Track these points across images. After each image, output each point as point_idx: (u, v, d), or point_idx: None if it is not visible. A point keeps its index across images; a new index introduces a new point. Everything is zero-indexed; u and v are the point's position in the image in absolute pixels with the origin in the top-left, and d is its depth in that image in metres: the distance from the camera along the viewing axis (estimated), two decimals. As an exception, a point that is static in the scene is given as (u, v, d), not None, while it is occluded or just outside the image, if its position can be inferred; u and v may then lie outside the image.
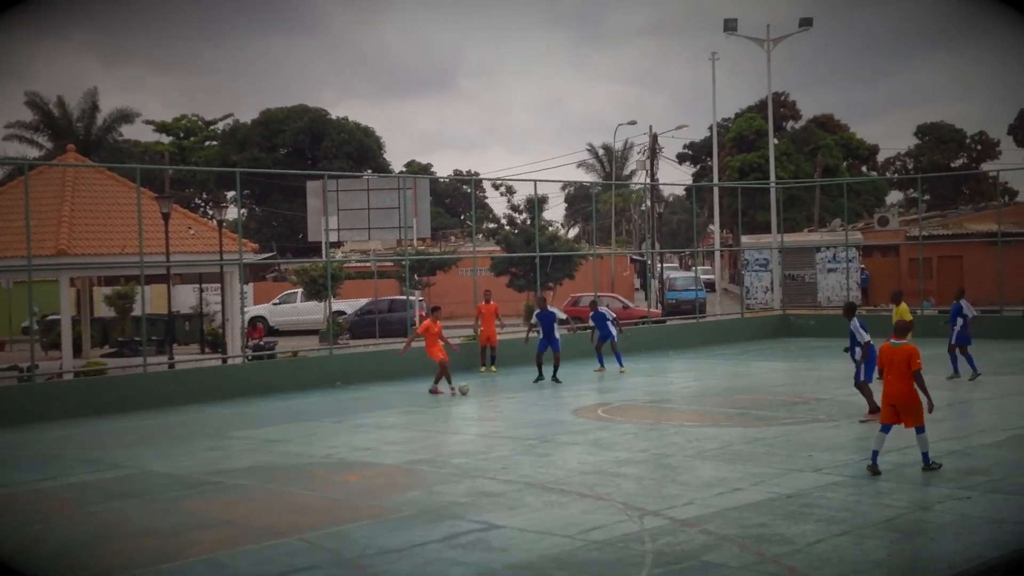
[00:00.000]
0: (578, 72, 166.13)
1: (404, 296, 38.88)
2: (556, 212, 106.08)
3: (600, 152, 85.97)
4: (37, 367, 21.54)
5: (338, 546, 9.74)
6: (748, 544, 9.36)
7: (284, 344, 35.20)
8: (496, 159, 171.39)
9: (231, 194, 67.52)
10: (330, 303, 27.83)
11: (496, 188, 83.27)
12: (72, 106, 58.53)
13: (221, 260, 29.60)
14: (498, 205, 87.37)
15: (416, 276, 42.26)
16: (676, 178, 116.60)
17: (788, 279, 40.35)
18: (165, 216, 27.66)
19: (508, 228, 49.24)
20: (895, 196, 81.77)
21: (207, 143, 75.52)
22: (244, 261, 26.14)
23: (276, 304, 46.09)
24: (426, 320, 21.80)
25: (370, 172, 62.93)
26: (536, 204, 37.09)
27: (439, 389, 20.93)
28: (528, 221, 46.24)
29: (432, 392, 20.92)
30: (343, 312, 42.33)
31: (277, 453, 14.97)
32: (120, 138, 61.39)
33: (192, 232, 31.48)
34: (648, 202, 62.04)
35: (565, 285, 44.98)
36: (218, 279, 33.70)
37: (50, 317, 36.94)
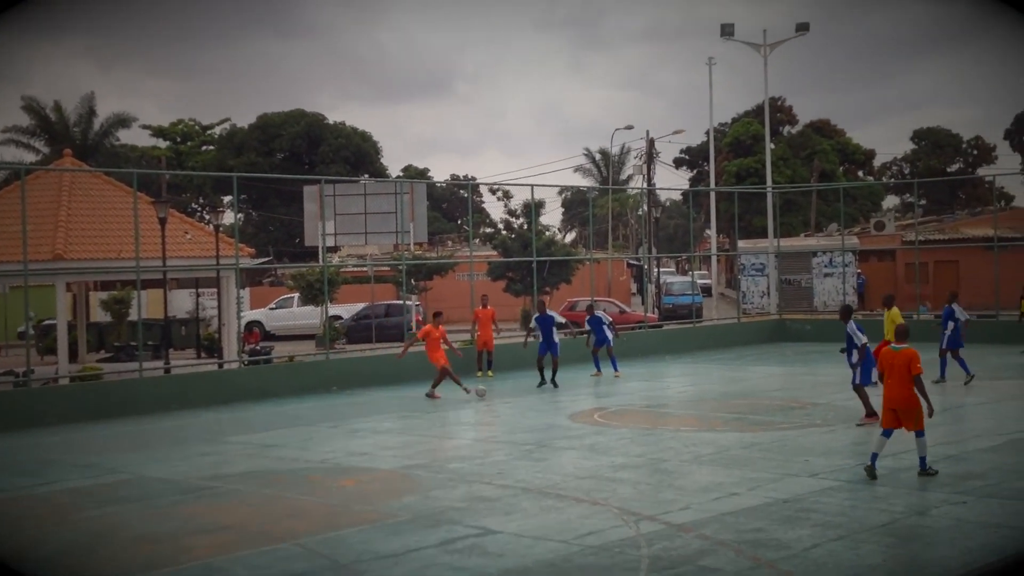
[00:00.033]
0: (575, 77, 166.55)
1: (401, 301, 38.86)
2: (553, 217, 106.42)
3: (597, 157, 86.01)
4: (33, 372, 21.51)
5: (334, 551, 9.74)
6: (744, 549, 9.37)
7: (280, 349, 35.16)
8: (493, 163, 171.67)
9: (228, 199, 67.49)
10: (327, 308, 27.81)
11: (493, 193, 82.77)
12: (69, 111, 58.69)
13: (218, 265, 29.60)
14: (495, 210, 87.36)
15: (413, 281, 42.27)
16: (673, 183, 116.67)
17: (784, 283, 40.39)
18: (162, 221, 27.66)
19: (505, 233, 49.23)
20: (891, 201, 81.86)
21: (204, 148, 75.55)
22: (241, 266, 26.13)
23: (272, 309, 46.08)
24: (426, 325, 21.78)
25: (367, 177, 62.89)
26: (533, 209, 37.15)
27: (436, 394, 20.91)
28: (525, 226, 46.26)
29: (429, 396, 20.91)
30: (340, 317, 42.31)
31: (273, 458, 14.96)
32: (117, 143, 61.48)
33: (189, 237, 31.46)
34: (645, 207, 62.09)
35: (562, 290, 44.99)
36: (214, 284, 33.72)
37: (46, 322, 36.92)
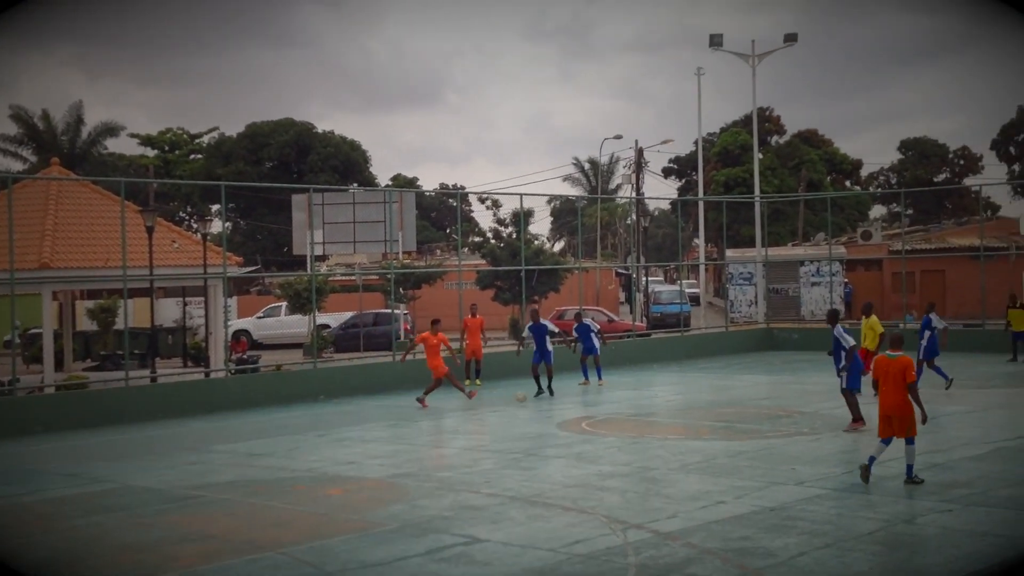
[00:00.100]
0: (564, 86, 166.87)
1: (389, 310, 38.81)
2: (542, 226, 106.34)
3: (586, 166, 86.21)
4: (19, 380, 21.39)
5: (320, 560, 9.70)
6: (731, 557, 9.37)
7: (268, 358, 35.07)
8: (482, 173, 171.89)
9: (216, 207, 67.34)
10: (315, 316, 27.74)
11: (482, 202, 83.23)
12: (57, 119, 58.52)
13: (205, 274, 29.50)
14: (484, 219, 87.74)
15: (401, 290, 42.22)
16: (661, 192, 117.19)
17: (772, 293, 40.48)
18: (149, 229, 27.57)
19: (494, 242, 49.33)
20: (878, 210, 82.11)
21: (192, 156, 75.35)
22: (228, 275, 26.06)
23: (260, 318, 45.94)
24: (424, 332, 21.80)
25: (356, 186, 62.84)
26: (522, 218, 37.22)
27: (426, 403, 20.91)
28: (514, 235, 46.32)
29: (419, 401, 20.94)
30: (328, 326, 42.22)
31: (260, 467, 14.91)
32: (105, 151, 61.31)
33: (176, 245, 31.35)
34: (633, 216, 62.20)
35: (550, 299, 45.01)
36: (202, 292, 33.59)
37: (32, 330, 36.73)
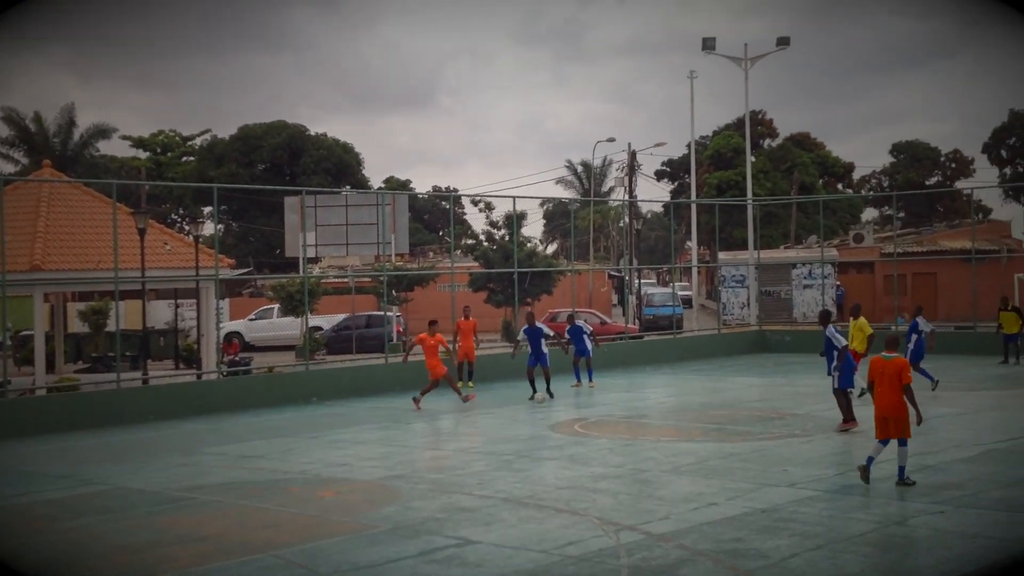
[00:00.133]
0: (558, 89, 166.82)
1: (382, 312, 38.79)
2: (535, 228, 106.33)
3: (579, 169, 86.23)
4: (10, 383, 21.33)
5: (313, 562, 9.69)
6: (723, 559, 9.38)
7: (260, 360, 35.04)
8: (475, 175, 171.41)
9: (208, 210, 67.34)
10: (307, 319, 27.71)
11: (475, 204, 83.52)
12: (49, 121, 58.46)
13: (197, 276, 29.46)
14: (477, 221, 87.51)
15: (394, 292, 42.20)
16: (654, 195, 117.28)
17: (764, 295, 40.57)
18: (141, 232, 27.52)
19: (486, 244, 49.31)
20: (870, 213, 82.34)
21: (184, 159, 75.30)
22: (220, 277, 26.03)
23: (252, 320, 45.88)
24: (422, 333, 21.80)
25: (349, 188, 62.84)
26: (515, 220, 37.20)
27: (420, 405, 20.91)
28: (506, 237, 46.33)
29: (414, 401, 20.97)
30: (320, 328, 42.19)
31: (252, 469, 14.89)
32: (97, 153, 61.27)
33: (168, 248, 31.30)
34: (626, 219, 62.24)
35: (543, 301, 45.03)
36: (194, 295, 33.55)
37: (23, 332, 36.64)
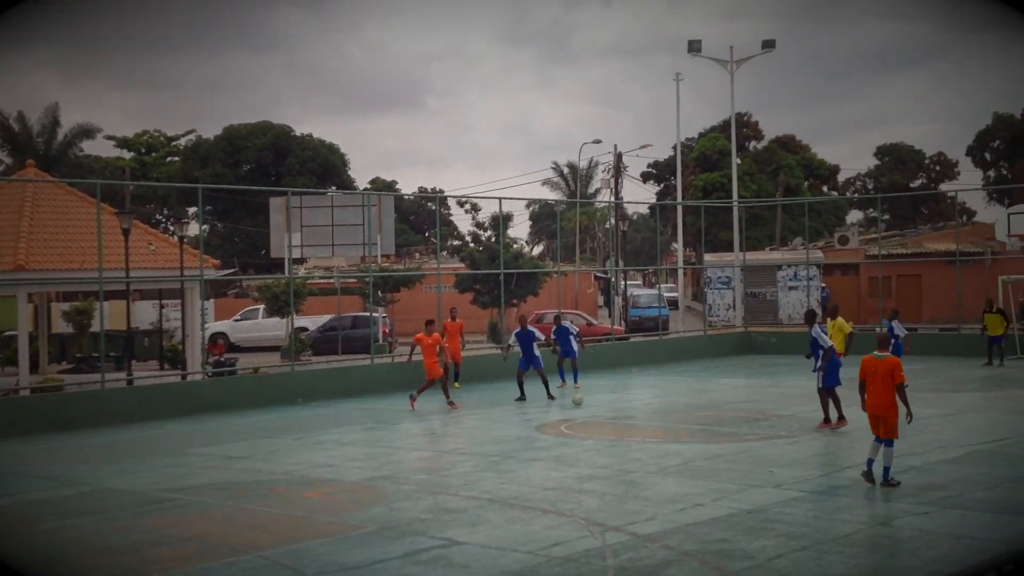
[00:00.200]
0: (544, 91, 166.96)
1: (368, 313, 38.73)
2: (521, 230, 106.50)
3: (565, 170, 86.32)
4: (-7, 383, 21.26)
5: (298, 563, 9.66)
6: (709, 559, 9.40)
7: (245, 360, 34.92)
8: (461, 177, 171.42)
9: (193, 210, 67.09)
10: (292, 319, 27.63)
11: (461, 205, 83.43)
12: (32, 121, 58.25)
13: (182, 276, 29.36)
14: (463, 222, 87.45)
15: (380, 293, 42.14)
16: (640, 196, 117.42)
17: (750, 297, 40.66)
18: (125, 232, 27.40)
19: (473, 245, 49.27)
20: (855, 215, 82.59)
21: (169, 159, 75.00)
22: (205, 277, 25.93)
23: (238, 320, 45.75)
24: (418, 334, 21.79)
25: (334, 189, 62.68)
26: (501, 221, 37.17)
27: (415, 405, 20.91)
28: (493, 238, 46.30)
29: (411, 398, 21.06)
30: (305, 328, 42.10)
31: (237, 470, 14.84)
32: (81, 153, 61.05)
33: (153, 248, 31.18)
34: (612, 220, 62.31)
35: (529, 302, 45.04)
36: (178, 295, 33.43)
37: (7, 333, 36.45)
